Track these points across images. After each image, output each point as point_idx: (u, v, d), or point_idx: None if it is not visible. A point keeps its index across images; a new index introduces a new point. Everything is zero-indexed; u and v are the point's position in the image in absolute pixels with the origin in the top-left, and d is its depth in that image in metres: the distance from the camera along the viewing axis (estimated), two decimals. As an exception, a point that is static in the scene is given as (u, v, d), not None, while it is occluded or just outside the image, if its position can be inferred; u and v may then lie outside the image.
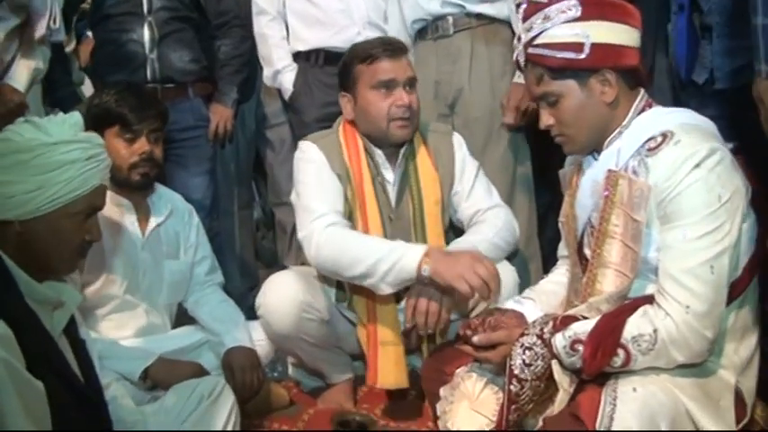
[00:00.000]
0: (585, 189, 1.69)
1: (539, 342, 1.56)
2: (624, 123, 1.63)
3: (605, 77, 1.61)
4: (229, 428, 1.75)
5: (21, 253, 1.37)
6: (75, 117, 1.46)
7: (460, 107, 2.61)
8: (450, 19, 2.57)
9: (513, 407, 1.57)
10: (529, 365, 1.56)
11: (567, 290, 1.80)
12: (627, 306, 1.55)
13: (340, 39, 2.74)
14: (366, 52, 2.19)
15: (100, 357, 1.92)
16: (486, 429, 1.66)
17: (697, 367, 1.52)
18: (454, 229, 2.33)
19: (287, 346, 2.27)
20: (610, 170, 1.62)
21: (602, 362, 1.50)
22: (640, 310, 1.52)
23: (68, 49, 2.82)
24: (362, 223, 2.15)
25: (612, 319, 1.53)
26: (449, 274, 1.86)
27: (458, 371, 1.79)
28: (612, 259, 1.60)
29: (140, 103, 2.19)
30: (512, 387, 1.56)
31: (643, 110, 1.64)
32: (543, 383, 1.57)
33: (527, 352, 1.56)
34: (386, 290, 1.97)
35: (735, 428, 1.50)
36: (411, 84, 2.19)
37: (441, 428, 1.77)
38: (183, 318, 2.39)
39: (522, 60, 1.68)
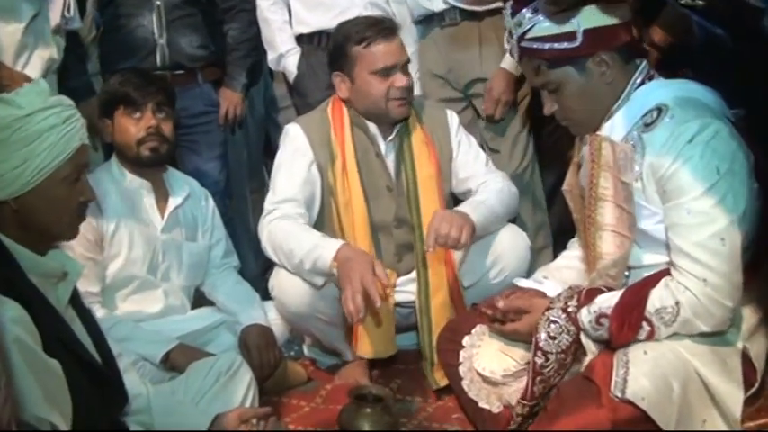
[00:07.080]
0: (587, 158, 1.70)
1: (563, 316, 1.59)
2: (623, 97, 1.63)
3: (601, 59, 1.60)
4: (247, 404, 1.77)
5: (22, 230, 1.38)
6: (42, 84, 1.45)
7: (476, 90, 2.63)
8: (457, 9, 2.58)
9: (539, 378, 1.59)
10: (554, 338, 1.58)
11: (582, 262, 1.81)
12: (649, 279, 1.56)
13: (342, 21, 2.71)
14: (360, 34, 2.20)
15: (122, 339, 1.97)
16: (512, 371, 1.70)
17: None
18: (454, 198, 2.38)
19: (302, 326, 2.31)
20: (591, 135, 1.62)
21: (628, 335, 1.52)
22: (662, 282, 1.52)
23: (89, 38, 2.77)
24: (346, 197, 2.21)
25: (636, 292, 1.54)
26: (342, 277, 1.93)
27: (477, 328, 1.82)
28: (607, 221, 1.61)
29: (142, 81, 2.26)
30: (537, 359, 1.59)
31: (642, 83, 1.63)
32: (569, 357, 1.59)
33: (552, 325, 1.59)
34: (320, 282, 2.08)
35: (742, 387, 1.51)
36: (406, 65, 2.23)
37: (462, 372, 1.80)
38: (200, 300, 2.43)
39: (516, 54, 1.68)
